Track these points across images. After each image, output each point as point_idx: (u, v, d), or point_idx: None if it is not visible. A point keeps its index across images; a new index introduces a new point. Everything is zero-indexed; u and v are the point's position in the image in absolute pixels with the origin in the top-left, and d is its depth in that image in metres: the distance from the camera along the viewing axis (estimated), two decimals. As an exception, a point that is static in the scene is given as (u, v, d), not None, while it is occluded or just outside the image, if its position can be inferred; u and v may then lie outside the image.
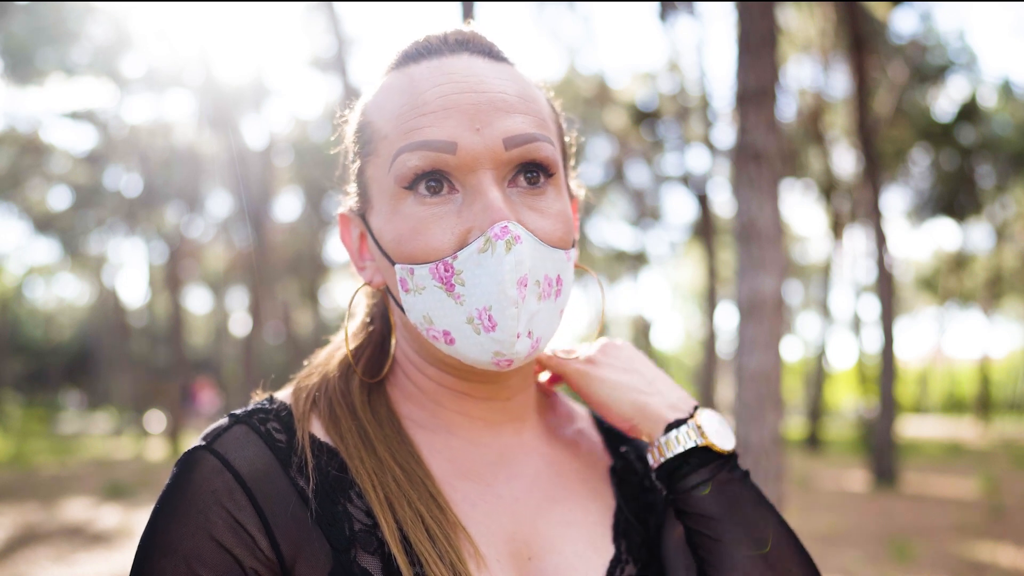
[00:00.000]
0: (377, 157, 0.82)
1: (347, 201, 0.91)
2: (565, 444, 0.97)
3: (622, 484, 0.97)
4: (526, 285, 0.75)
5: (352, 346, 0.92)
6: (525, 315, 0.76)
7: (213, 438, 0.79)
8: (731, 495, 0.86)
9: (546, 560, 0.85)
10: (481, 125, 0.77)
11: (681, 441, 0.87)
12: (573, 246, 0.85)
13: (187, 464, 0.77)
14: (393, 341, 0.91)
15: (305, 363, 0.93)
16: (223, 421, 0.82)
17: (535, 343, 0.79)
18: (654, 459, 0.89)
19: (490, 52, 0.85)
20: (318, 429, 0.84)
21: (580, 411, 1.06)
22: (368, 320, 0.96)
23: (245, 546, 0.74)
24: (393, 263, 0.80)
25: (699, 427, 0.88)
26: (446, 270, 0.76)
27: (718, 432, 0.89)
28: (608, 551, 0.89)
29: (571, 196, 0.93)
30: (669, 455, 0.88)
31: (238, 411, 0.83)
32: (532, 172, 0.80)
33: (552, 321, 0.81)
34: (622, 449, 1.02)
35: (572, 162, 0.97)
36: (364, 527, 0.78)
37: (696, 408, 0.91)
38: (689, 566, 0.91)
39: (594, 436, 1.02)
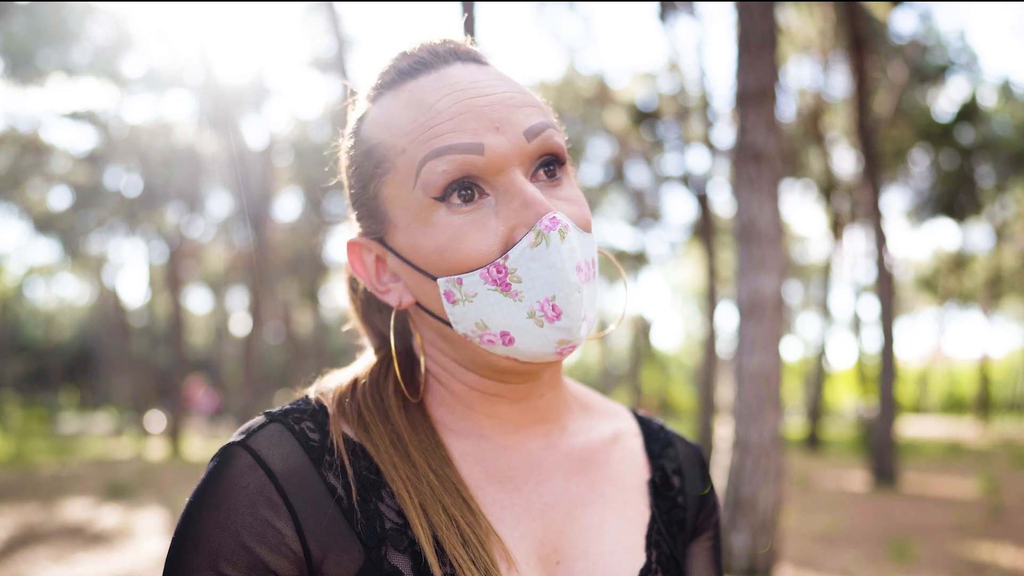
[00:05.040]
0: (396, 174, 0.81)
1: (353, 228, 0.90)
2: (598, 448, 0.95)
3: (658, 496, 0.95)
4: (581, 270, 0.77)
5: (386, 363, 0.92)
6: (587, 299, 0.78)
7: (248, 435, 0.80)
8: None
9: (574, 565, 0.84)
10: (500, 124, 0.78)
11: None
12: None
13: (222, 459, 0.78)
14: (422, 358, 0.90)
15: (325, 370, 0.94)
16: (259, 419, 0.83)
17: (590, 324, 0.81)
18: None
19: (476, 58, 0.86)
20: (350, 432, 0.85)
21: (621, 411, 1.04)
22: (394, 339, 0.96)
23: (272, 543, 0.75)
24: (434, 278, 0.80)
25: None
26: (499, 271, 0.76)
27: None
28: (639, 559, 0.87)
29: None
30: None
31: (273, 409, 0.84)
32: (549, 165, 0.81)
33: (596, 302, 0.83)
34: (660, 461, 0.99)
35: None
36: (395, 525, 0.78)
37: None
38: None
39: (632, 442, 1.00)
